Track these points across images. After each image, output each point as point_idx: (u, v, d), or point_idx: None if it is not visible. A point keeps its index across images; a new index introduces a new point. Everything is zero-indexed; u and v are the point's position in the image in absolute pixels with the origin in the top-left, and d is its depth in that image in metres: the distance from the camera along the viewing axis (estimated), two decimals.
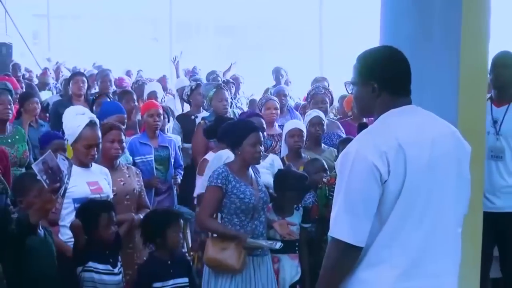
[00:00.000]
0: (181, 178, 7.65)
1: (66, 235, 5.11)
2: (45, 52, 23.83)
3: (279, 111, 8.11)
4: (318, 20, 19.78)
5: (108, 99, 8.01)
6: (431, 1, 4.52)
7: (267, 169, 5.95)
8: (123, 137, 5.79)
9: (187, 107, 10.05)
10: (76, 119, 5.33)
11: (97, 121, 5.46)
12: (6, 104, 6.63)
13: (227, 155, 5.63)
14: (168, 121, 8.33)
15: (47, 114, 9.38)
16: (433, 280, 3.15)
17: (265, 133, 6.44)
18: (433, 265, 3.14)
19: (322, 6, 19.71)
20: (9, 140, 6.49)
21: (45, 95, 11.37)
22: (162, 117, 7.47)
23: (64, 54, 22.15)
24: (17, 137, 6.58)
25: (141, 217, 5.56)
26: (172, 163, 7.44)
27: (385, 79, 3.24)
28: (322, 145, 7.12)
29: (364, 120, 6.94)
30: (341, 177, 3.14)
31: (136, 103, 8.44)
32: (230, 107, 8.38)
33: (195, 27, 31.13)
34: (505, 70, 5.53)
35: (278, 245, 5.20)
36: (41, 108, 9.07)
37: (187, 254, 6.26)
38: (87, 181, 5.24)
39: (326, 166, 6.24)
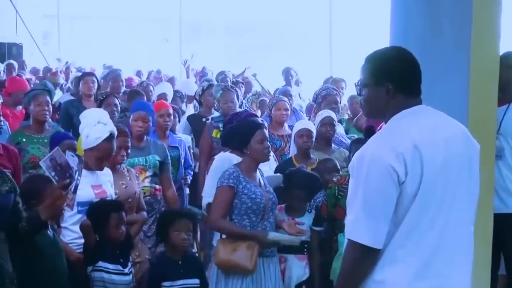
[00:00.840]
0: (191, 178, 7.65)
1: (68, 237, 5.14)
2: (55, 53, 23.88)
3: (289, 112, 8.11)
4: (328, 20, 19.76)
5: (116, 99, 8.01)
6: (441, 1, 4.51)
7: (269, 166, 5.99)
8: (129, 143, 5.85)
9: (189, 110, 10.07)
10: (97, 128, 5.36)
11: (116, 132, 5.48)
12: (44, 105, 6.69)
13: (236, 158, 5.65)
14: (179, 121, 8.34)
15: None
16: (446, 280, 3.15)
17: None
18: (446, 265, 3.15)
19: (332, 6, 19.69)
20: (45, 140, 6.54)
21: (55, 96, 11.38)
22: (172, 117, 7.48)
23: (75, 54, 22.20)
24: None
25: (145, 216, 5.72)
26: (182, 163, 7.44)
27: (399, 80, 3.23)
28: (332, 145, 7.09)
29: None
30: (357, 180, 3.14)
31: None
32: (240, 108, 8.37)
33: (205, 27, 31.12)
34: (508, 70, 5.51)
35: (299, 239, 5.21)
36: (54, 108, 9.09)
37: (196, 254, 6.26)
38: (91, 184, 5.27)
39: (339, 166, 6.23)
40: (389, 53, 3.38)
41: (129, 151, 5.89)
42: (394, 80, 3.22)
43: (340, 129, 7.94)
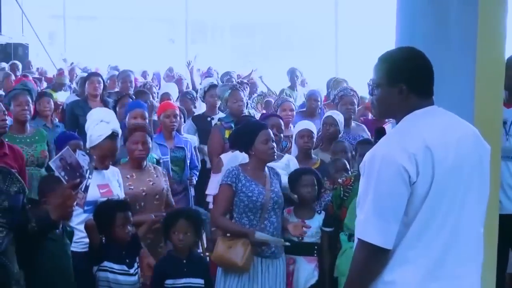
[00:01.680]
0: (197, 179, 7.65)
1: (74, 236, 5.10)
2: (61, 53, 23.92)
3: (294, 112, 8.11)
4: (334, 21, 19.79)
5: (131, 100, 8.04)
6: (447, 2, 4.51)
7: (282, 169, 5.95)
8: (148, 138, 5.79)
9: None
10: (99, 127, 5.38)
11: (119, 131, 5.50)
12: (24, 105, 6.65)
13: (242, 156, 5.65)
14: (184, 122, 8.34)
15: None
16: (456, 281, 3.15)
17: (282, 135, 6.45)
18: (456, 266, 3.15)
19: (337, 7, 19.72)
20: (28, 140, 6.53)
21: (61, 96, 11.42)
22: (178, 117, 7.48)
23: (80, 55, 22.24)
24: (36, 137, 6.62)
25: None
26: (188, 164, 7.44)
27: (413, 81, 3.23)
28: None
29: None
30: (368, 180, 3.14)
31: (155, 103, 8.45)
32: (246, 108, 8.38)
33: (211, 27, 31.18)
34: None
35: (282, 241, 5.23)
36: (62, 109, 9.13)
37: (202, 255, 6.26)
38: (97, 184, 5.25)
39: (348, 166, 6.24)
40: (403, 53, 3.37)
41: (150, 145, 5.85)
42: (407, 80, 3.22)
43: (362, 131, 7.83)
